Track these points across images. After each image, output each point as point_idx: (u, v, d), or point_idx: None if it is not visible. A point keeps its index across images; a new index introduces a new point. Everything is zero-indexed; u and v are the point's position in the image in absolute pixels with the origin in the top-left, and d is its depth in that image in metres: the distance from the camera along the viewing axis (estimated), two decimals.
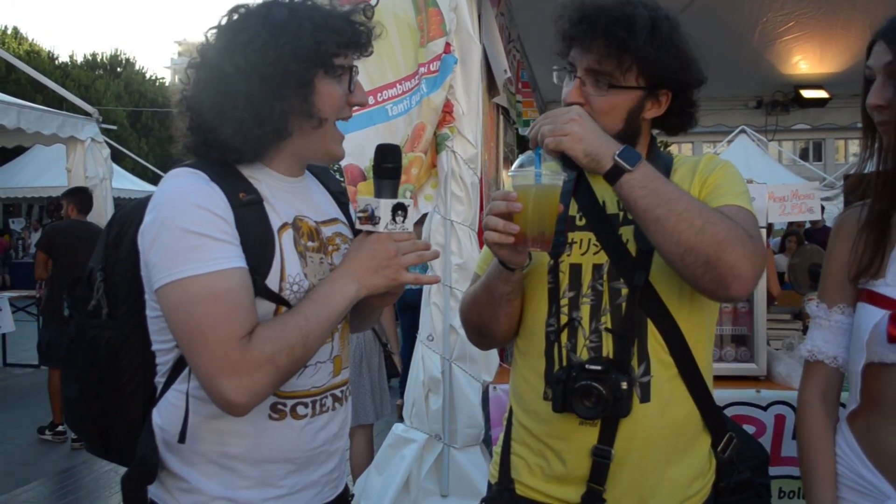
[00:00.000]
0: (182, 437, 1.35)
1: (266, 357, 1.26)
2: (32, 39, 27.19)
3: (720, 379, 2.89)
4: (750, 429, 2.76)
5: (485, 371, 3.73)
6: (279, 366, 1.28)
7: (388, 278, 1.39)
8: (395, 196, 1.43)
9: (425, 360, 3.75)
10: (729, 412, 2.76)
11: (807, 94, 7.61)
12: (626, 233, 1.55)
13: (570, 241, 1.58)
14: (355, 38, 1.43)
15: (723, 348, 2.96)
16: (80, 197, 6.53)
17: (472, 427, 3.67)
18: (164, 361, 1.41)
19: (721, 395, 2.76)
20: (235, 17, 1.40)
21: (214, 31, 1.41)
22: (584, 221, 1.59)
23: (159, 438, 1.41)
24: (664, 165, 1.58)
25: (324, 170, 1.68)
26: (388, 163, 1.44)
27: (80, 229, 6.25)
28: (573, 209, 1.61)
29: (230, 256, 1.29)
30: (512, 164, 1.55)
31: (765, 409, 2.75)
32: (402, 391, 7.49)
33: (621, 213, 1.57)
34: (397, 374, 4.01)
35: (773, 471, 2.74)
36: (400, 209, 1.40)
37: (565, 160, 1.43)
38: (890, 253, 1.49)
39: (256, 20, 1.37)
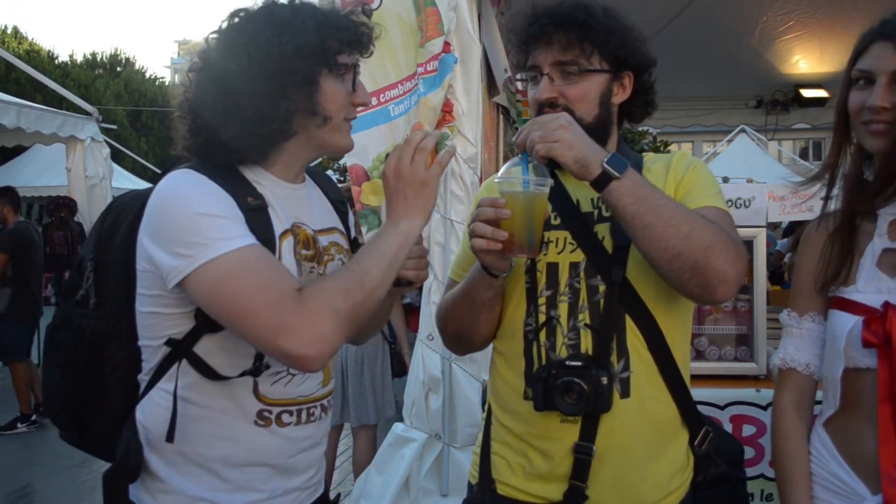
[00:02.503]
0: (170, 437, 1.33)
1: (320, 305, 1.24)
2: (32, 39, 27.18)
3: (720, 378, 2.89)
4: (750, 429, 2.76)
5: (485, 370, 3.73)
6: (338, 310, 1.25)
7: (429, 197, 1.37)
8: None
9: (425, 360, 3.75)
10: (729, 412, 2.76)
11: (807, 93, 7.61)
12: (602, 230, 1.56)
13: (546, 240, 1.59)
14: (357, 36, 1.43)
15: (723, 348, 2.96)
16: (11, 196, 6.71)
17: (472, 426, 3.67)
18: (149, 359, 1.40)
19: (721, 394, 2.78)
20: (237, 19, 1.40)
21: (215, 34, 1.40)
22: (559, 220, 1.60)
23: (142, 437, 1.39)
24: (635, 164, 1.60)
25: (325, 177, 1.67)
26: None
27: (31, 230, 6.62)
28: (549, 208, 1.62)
29: (248, 234, 1.29)
30: (507, 163, 1.55)
31: (765, 408, 2.75)
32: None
33: (596, 211, 1.59)
34: (405, 371, 3.99)
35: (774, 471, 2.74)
36: None
37: (550, 166, 1.44)
38: (858, 260, 1.50)
39: (259, 20, 1.37)
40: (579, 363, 1.49)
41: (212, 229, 1.26)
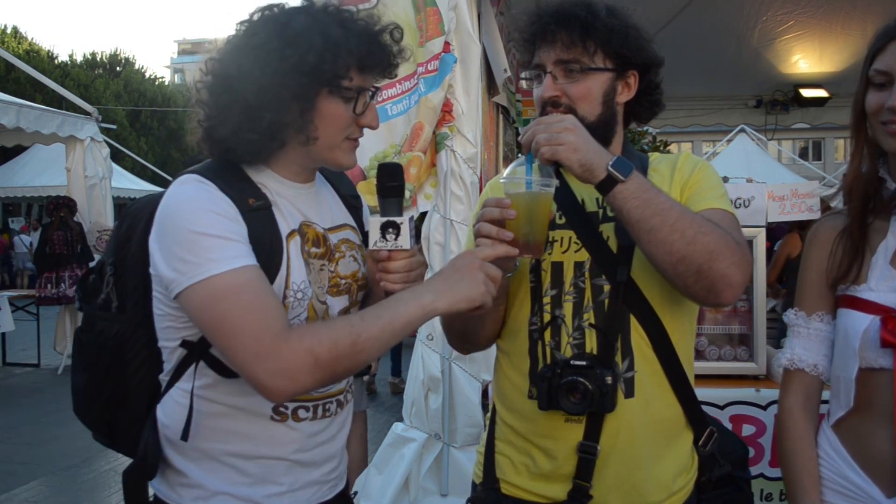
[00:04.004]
0: (185, 436, 1.36)
1: (304, 347, 1.23)
2: (32, 39, 27.17)
3: (720, 378, 2.90)
4: (750, 428, 2.76)
5: (484, 370, 3.73)
6: (319, 358, 1.24)
7: (469, 290, 1.31)
8: (399, 213, 1.42)
9: (425, 360, 3.75)
10: (729, 412, 2.76)
11: (806, 93, 7.63)
12: (607, 230, 1.56)
13: (550, 239, 1.58)
14: (369, 60, 1.40)
15: (722, 347, 2.96)
16: None
17: (472, 426, 3.67)
18: (169, 359, 1.43)
19: (721, 394, 2.78)
20: (267, 13, 1.38)
21: (244, 25, 1.39)
22: (563, 220, 1.60)
23: (162, 435, 1.42)
24: (640, 164, 1.59)
25: (338, 173, 1.66)
26: (391, 181, 1.44)
27: None
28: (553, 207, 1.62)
29: (242, 255, 1.29)
30: (511, 163, 1.54)
31: (764, 408, 2.75)
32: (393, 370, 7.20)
33: (601, 211, 1.59)
34: (367, 371, 3.91)
35: (775, 472, 2.74)
36: (390, 227, 1.39)
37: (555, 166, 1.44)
38: (870, 258, 1.49)
39: (274, 27, 1.35)
40: (584, 363, 1.49)
41: (207, 249, 1.27)
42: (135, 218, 1.47)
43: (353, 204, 1.65)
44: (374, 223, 1.40)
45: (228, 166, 1.41)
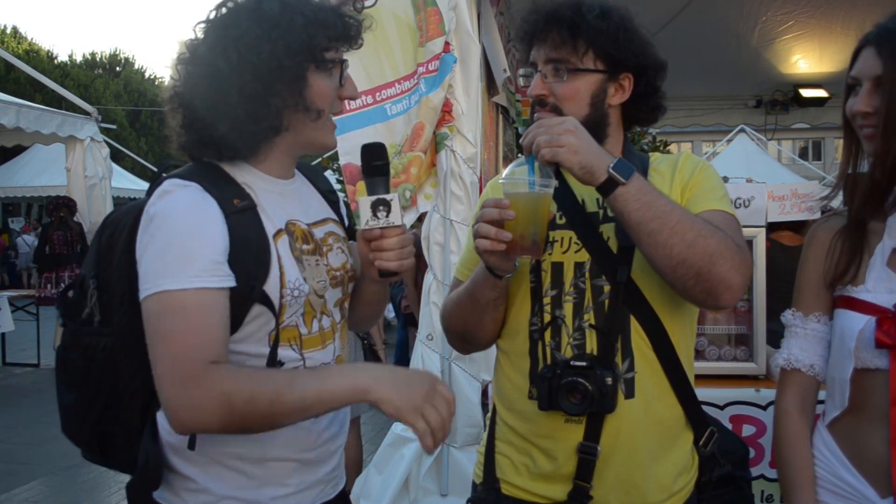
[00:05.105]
0: (192, 444, 1.34)
1: (221, 389, 1.22)
2: (31, 38, 27.21)
3: (720, 378, 2.89)
4: (750, 429, 2.76)
5: (484, 370, 3.73)
6: (233, 406, 1.22)
7: (406, 401, 1.25)
8: (388, 191, 1.44)
9: (424, 360, 3.75)
10: (728, 412, 2.76)
11: (806, 93, 7.64)
12: (607, 230, 1.56)
13: (551, 239, 1.58)
14: (345, 31, 1.43)
15: (722, 347, 2.96)
16: None
17: (472, 426, 3.67)
18: None
19: (721, 394, 2.78)
20: (224, 10, 1.38)
21: (203, 25, 1.39)
22: (564, 220, 1.60)
23: (165, 441, 1.40)
24: (640, 164, 1.59)
25: (312, 169, 1.67)
26: (377, 160, 1.46)
27: None
28: (552, 208, 1.62)
29: (209, 275, 1.27)
30: (511, 164, 1.55)
31: (764, 408, 2.75)
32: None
33: (601, 211, 1.59)
34: None
35: (776, 473, 2.74)
36: (381, 204, 1.41)
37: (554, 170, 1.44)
38: (868, 259, 1.49)
39: (247, 14, 1.36)
40: (584, 363, 1.49)
41: (175, 261, 1.26)
42: (115, 228, 1.45)
43: (331, 199, 1.65)
44: (364, 203, 1.42)
45: (212, 169, 1.40)
